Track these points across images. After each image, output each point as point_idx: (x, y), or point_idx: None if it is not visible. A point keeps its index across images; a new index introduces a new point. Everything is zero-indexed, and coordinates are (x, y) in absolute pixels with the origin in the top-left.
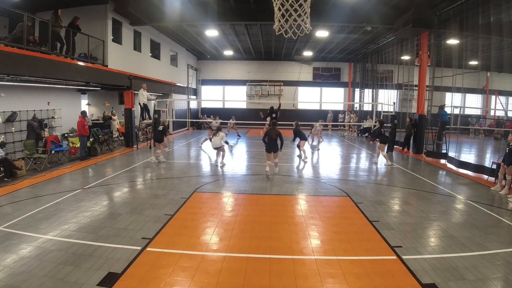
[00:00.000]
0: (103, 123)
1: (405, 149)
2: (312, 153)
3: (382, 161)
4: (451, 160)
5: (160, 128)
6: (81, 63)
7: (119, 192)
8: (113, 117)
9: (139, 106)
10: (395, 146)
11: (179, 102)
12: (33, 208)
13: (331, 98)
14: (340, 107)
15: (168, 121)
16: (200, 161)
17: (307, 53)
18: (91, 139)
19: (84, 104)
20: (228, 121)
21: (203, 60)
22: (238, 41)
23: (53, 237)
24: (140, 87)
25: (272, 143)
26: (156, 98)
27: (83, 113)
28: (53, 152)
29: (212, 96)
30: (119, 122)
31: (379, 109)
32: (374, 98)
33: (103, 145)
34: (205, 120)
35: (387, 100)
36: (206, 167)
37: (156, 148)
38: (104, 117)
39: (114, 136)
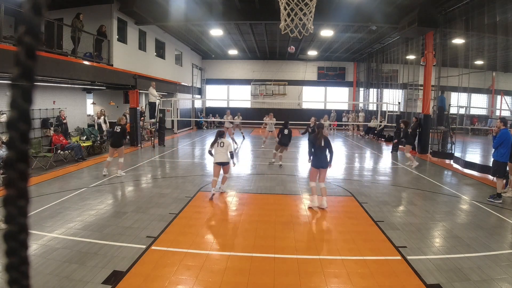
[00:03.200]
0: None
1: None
2: None
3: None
4: (457, 160)
5: (118, 129)
6: (86, 63)
7: (124, 191)
8: (102, 117)
9: (150, 105)
10: (400, 146)
11: (184, 101)
12: (39, 207)
13: (336, 97)
14: (345, 106)
15: (127, 119)
16: (205, 160)
17: (312, 53)
18: (91, 138)
19: (89, 103)
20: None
21: (208, 59)
22: (242, 41)
23: (58, 235)
24: (149, 85)
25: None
26: (161, 97)
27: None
28: (59, 151)
29: (217, 96)
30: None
31: (384, 108)
32: (379, 98)
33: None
34: (206, 119)
35: (392, 99)
36: (210, 166)
37: (111, 154)
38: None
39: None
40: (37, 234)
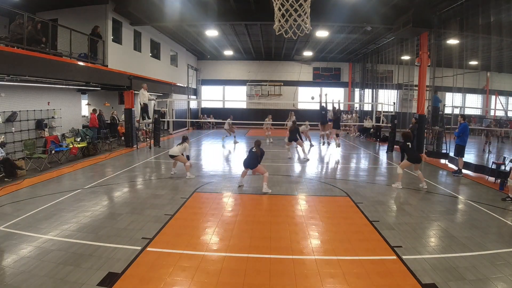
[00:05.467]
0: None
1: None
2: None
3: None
4: (452, 160)
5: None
6: (81, 63)
7: (119, 192)
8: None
9: (139, 106)
10: (395, 146)
11: (179, 102)
12: (33, 208)
13: (331, 98)
14: (340, 107)
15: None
16: (200, 161)
17: (307, 53)
18: (86, 139)
19: (84, 104)
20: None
21: (203, 60)
22: (238, 41)
23: (53, 237)
24: (141, 87)
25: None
26: (156, 98)
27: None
28: (53, 152)
29: (212, 96)
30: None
31: (379, 109)
32: (374, 98)
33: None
34: (205, 120)
35: (387, 100)
36: (206, 167)
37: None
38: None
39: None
40: (32, 236)
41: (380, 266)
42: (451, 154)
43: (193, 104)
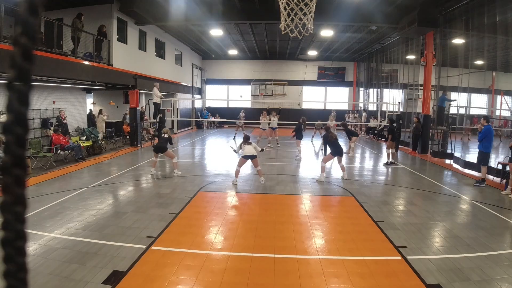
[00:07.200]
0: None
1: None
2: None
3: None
4: (457, 160)
5: (166, 135)
6: (86, 63)
7: (124, 191)
8: (102, 116)
9: (152, 105)
10: (400, 146)
11: (184, 101)
12: (39, 207)
13: (336, 97)
14: (345, 106)
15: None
16: (204, 160)
17: (312, 53)
18: (91, 138)
19: (89, 103)
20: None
21: (208, 59)
22: (242, 41)
23: (58, 235)
24: (150, 85)
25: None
26: (161, 98)
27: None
28: (59, 151)
29: (217, 96)
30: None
31: (384, 108)
32: (379, 98)
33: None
34: (210, 119)
35: (392, 99)
36: (210, 166)
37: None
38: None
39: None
40: (37, 234)
41: (384, 266)
42: (456, 154)
43: (198, 104)
